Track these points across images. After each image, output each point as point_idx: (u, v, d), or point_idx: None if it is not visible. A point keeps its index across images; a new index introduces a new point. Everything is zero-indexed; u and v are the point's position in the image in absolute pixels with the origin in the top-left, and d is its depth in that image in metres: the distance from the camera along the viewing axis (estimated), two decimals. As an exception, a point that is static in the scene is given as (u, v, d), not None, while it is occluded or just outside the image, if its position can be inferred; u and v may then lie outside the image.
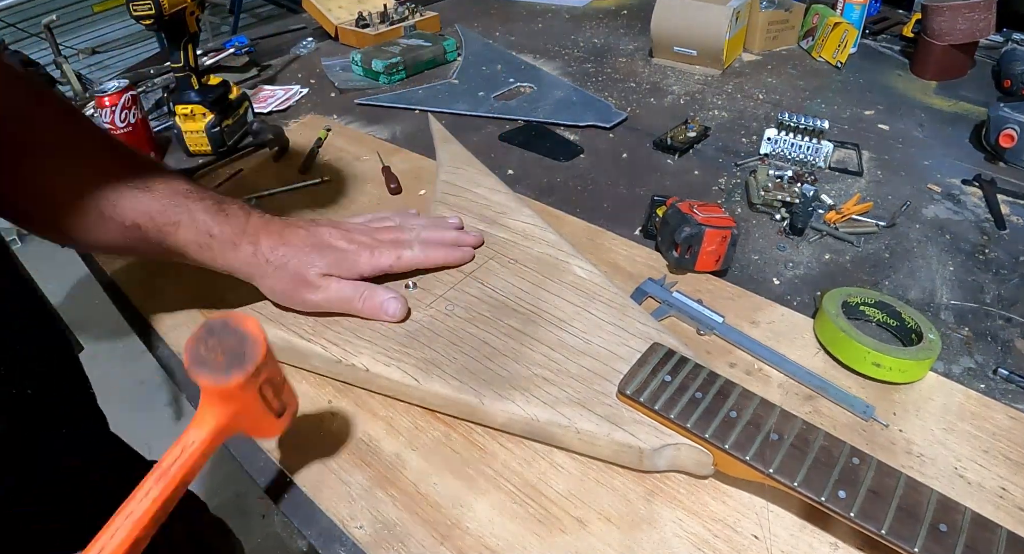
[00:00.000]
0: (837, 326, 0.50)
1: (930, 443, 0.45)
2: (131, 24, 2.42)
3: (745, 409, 0.41)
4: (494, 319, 0.51)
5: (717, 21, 0.98)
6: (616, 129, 0.88)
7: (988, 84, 0.98)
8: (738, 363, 0.52)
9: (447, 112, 0.93)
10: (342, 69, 1.08)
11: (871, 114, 0.91)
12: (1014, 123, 0.75)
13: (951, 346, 0.54)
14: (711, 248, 0.57)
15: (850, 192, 0.73)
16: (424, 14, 1.21)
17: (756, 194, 0.70)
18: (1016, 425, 0.46)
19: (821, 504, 0.37)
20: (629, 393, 0.43)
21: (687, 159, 0.81)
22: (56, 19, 1.04)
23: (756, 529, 0.40)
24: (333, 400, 0.49)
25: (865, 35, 1.13)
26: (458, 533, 0.41)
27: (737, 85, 0.99)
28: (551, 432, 0.44)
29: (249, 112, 0.88)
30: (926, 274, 0.62)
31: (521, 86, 1.01)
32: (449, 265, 0.56)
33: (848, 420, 0.47)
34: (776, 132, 0.79)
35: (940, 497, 0.36)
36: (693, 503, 0.42)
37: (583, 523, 0.41)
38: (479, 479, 0.44)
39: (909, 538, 0.35)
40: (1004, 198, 0.72)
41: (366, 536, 0.41)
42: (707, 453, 0.41)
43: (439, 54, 1.08)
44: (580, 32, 1.22)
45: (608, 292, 0.53)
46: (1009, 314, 0.57)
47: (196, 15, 0.77)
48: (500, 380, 0.46)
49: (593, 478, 0.43)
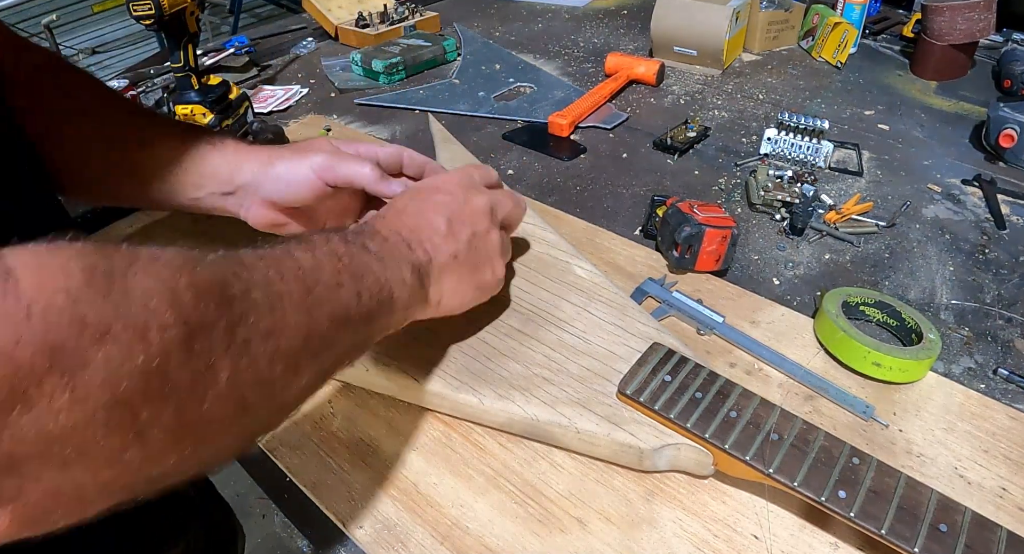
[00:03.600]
0: (837, 326, 0.50)
1: (930, 443, 0.45)
2: (131, 24, 2.41)
3: (745, 409, 0.41)
4: (494, 319, 0.51)
5: (717, 21, 0.98)
6: (616, 129, 0.88)
7: (988, 84, 0.98)
8: (738, 363, 0.52)
9: (447, 112, 0.93)
10: (342, 69, 1.08)
11: (871, 114, 0.91)
12: (1014, 123, 0.75)
13: (951, 346, 0.54)
14: (711, 248, 0.57)
15: (850, 192, 0.73)
16: (424, 14, 1.21)
17: (756, 194, 0.70)
18: (1016, 425, 0.46)
19: (821, 504, 0.37)
20: (629, 393, 0.43)
21: (687, 159, 0.81)
22: (56, 19, 1.04)
23: (756, 529, 0.40)
24: (333, 400, 0.49)
25: (865, 35, 1.13)
26: (458, 533, 0.41)
27: (737, 85, 0.99)
28: (551, 432, 0.44)
29: (249, 112, 0.88)
30: (926, 274, 0.62)
31: (521, 86, 1.01)
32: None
33: (848, 420, 0.47)
34: (776, 132, 0.79)
35: (940, 497, 0.36)
36: (693, 503, 0.42)
37: (583, 523, 0.41)
38: (479, 479, 0.44)
39: (909, 538, 0.35)
40: (1004, 198, 0.72)
41: (366, 536, 0.41)
42: (707, 453, 0.41)
43: (439, 54, 1.08)
44: (580, 32, 1.22)
45: (608, 292, 0.53)
46: (1009, 314, 0.57)
47: (196, 15, 0.77)
48: (500, 380, 0.46)
49: (593, 478, 0.43)
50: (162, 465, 0.24)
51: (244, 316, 0.26)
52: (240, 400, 0.26)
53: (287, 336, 0.29)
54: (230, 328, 0.25)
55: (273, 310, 0.28)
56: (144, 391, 0.22)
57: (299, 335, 0.30)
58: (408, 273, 0.40)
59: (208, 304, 0.25)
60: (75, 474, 0.21)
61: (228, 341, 0.25)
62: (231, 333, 0.25)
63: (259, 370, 0.27)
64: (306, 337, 0.30)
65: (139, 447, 0.22)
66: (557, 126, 0.86)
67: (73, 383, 0.20)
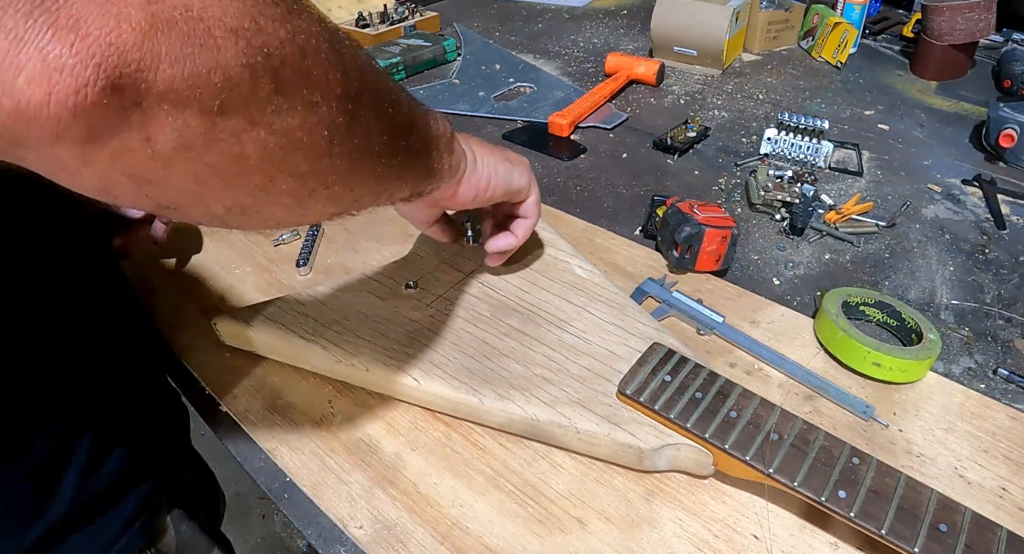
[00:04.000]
0: (837, 326, 0.50)
1: (930, 443, 0.45)
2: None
3: (745, 409, 0.41)
4: (494, 319, 0.51)
5: (717, 21, 0.98)
6: (616, 129, 0.88)
7: (988, 84, 0.98)
8: (738, 363, 0.52)
9: (447, 112, 0.93)
10: (342, 69, 1.08)
11: (871, 114, 0.91)
12: (1014, 123, 0.75)
13: (951, 346, 0.54)
14: (711, 248, 0.57)
15: (850, 192, 0.73)
16: (424, 14, 1.21)
17: (756, 194, 0.70)
18: (1016, 425, 0.46)
19: (821, 504, 0.37)
20: (629, 393, 0.43)
21: (687, 159, 0.81)
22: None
23: (756, 529, 0.40)
24: (333, 400, 0.49)
25: (865, 35, 1.13)
26: (458, 533, 0.41)
27: (737, 85, 0.99)
28: (551, 432, 0.44)
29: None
30: (926, 274, 0.62)
31: (521, 86, 1.01)
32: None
33: (848, 420, 0.47)
34: (776, 132, 0.79)
35: (940, 497, 0.36)
36: (693, 503, 0.42)
37: (583, 523, 0.41)
38: (479, 479, 0.44)
39: (909, 538, 0.35)
40: (1004, 198, 0.72)
41: (366, 536, 0.41)
42: (707, 453, 0.41)
43: (439, 54, 1.08)
44: (580, 32, 1.22)
45: (608, 292, 0.53)
46: (1009, 314, 0.57)
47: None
48: (500, 380, 0.46)
49: (593, 478, 0.43)
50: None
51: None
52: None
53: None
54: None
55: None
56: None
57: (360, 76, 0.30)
58: (439, 120, 0.40)
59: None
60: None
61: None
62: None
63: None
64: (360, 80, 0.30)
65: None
66: (557, 126, 0.86)
67: None
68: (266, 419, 0.48)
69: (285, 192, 0.28)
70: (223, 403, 0.50)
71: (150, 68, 0.20)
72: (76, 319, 0.46)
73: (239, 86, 0.22)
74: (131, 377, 0.52)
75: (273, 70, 0.23)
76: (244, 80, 0.22)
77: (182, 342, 0.55)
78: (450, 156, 0.42)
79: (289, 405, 0.49)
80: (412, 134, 0.36)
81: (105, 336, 0.49)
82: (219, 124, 0.22)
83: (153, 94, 0.20)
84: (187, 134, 0.22)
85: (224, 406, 0.50)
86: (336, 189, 0.31)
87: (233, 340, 0.53)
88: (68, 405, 0.45)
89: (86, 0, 0.18)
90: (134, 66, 0.19)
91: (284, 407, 0.49)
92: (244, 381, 0.51)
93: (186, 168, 0.23)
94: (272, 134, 0.25)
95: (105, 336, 0.49)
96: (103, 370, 0.48)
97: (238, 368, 0.52)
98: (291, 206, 0.29)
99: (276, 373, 0.52)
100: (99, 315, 0.49)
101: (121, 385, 0.50)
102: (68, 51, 0.18)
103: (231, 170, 0.24)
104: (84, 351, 0.47)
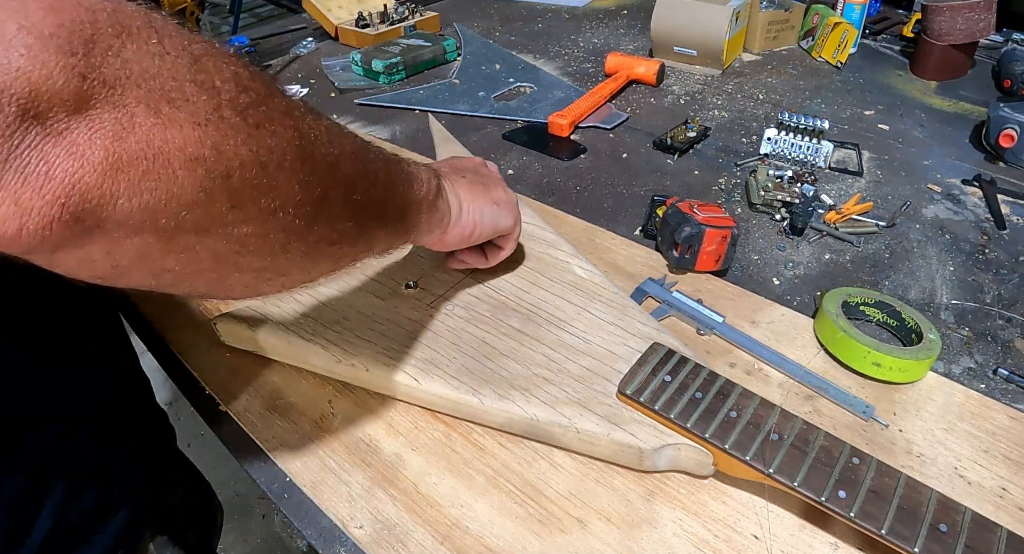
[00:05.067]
0: (837, 326, 0.50)
1: (930, 443, 0.45)
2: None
3: (745, 409, 0.41)
4: (494, 319, 0.51)
5: (717, 21, 0.98)
6: (616, 129, 0.88)
7: (988, 84, 0.98)
8: (738, 363, 0.52)
9: (447, 112, 0.93)
10: (342, 69, 1.08)
11: (871, 114, 0.91)
12: (1014, 123, 0.75)
13: (951, 346, 0.54)
14: (711, 248, 0.57)
15: (850, 192, 0.73)
16: (424, 14, 1.21)
17: (756, 194, 0.70)
18: (1016, 425, 0.46)
19: (821, 504, 0.37)
20: (629, 393, 0.43)
21: (687, 159, 0.81)
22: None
23: (756, 529, 0.40)
24: (333, 400, 0.49)
25: (865, 35, 1.13)
26: (458, 533, 0.41)
27: (737, 85, 0.99)
28: (551, 432, 0.44)
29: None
30: (926, 274, 0.62)
31: (521, 86, 1.01)
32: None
33: (848, 420, 0.47)
34: (776, 132, 0.79)
35: (940, 497, 0.36)
36: (693, 503, 0.42)
37: (583, 523, 0.41)
38: (479, 479, 0.44)
39: (909, 538, 0.35)
40: (1004, 198, 0.72)
41: (366, 536, 0.41)
42: (707, 453, 0.41)
43: (439, 54, 1.08)
44: (580, 32, 1.22)
45: (608, 292, 0.53)
46: (1009, 314, 0.57)
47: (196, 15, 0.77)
48: (500, 380, 0.46)
49: (593, 478, 0.43)
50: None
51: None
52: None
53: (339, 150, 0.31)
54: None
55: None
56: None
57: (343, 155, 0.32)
58: (423, 170, 0.42)
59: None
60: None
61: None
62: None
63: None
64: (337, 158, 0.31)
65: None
66: (557, 126, 0.86)
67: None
68: (266, 419, 0.48)
69: (239, 283, 0.30)
70: (223, 403, 0.50)
71: (108, 203, 0.22)
72: (76, 319, 0.46)
73: (195, 207, 0.24)
74: (131, 377, 0.52)
75: (231, 189, 0.25)
76: (200, 202, 0.24)
77: (182, 342, 0.55)
78: (432, 214, 0.42)
79: (289, 405, 0.49)
80: (387, 207, 0.37)
81: (106, 337, 0.50)
82: (175, 238, 0.24)
83: (111, 222, 0.22)
84: (144, 249, 0.24)
85: (224, 406, 0.50)
86: (294, 275, 0.32)
87: (233, 340, 0.53)
88: (67, 405, 0.44)
89: (53, 144, 0.20)
90: (95, 202, 0.22)
91: (284, 407, 0.49)
92: (244, 381, 0.51)
93: (144, 269, 0.26)
94: (227, 241, 0.26)
95: (106, 337, 0.50)
96: (103, 370, 0.48)
97: (238, 368, 0.52)
98: (247, 289, 0.31)
99: (276, 373, 0.52)
100: (99, 315, 0.49)
101: (121, 385, 0.50)
102: (36, 195, 0.20)
103: (187, 270, 0.27)
104: (84, 351, 0.47)
